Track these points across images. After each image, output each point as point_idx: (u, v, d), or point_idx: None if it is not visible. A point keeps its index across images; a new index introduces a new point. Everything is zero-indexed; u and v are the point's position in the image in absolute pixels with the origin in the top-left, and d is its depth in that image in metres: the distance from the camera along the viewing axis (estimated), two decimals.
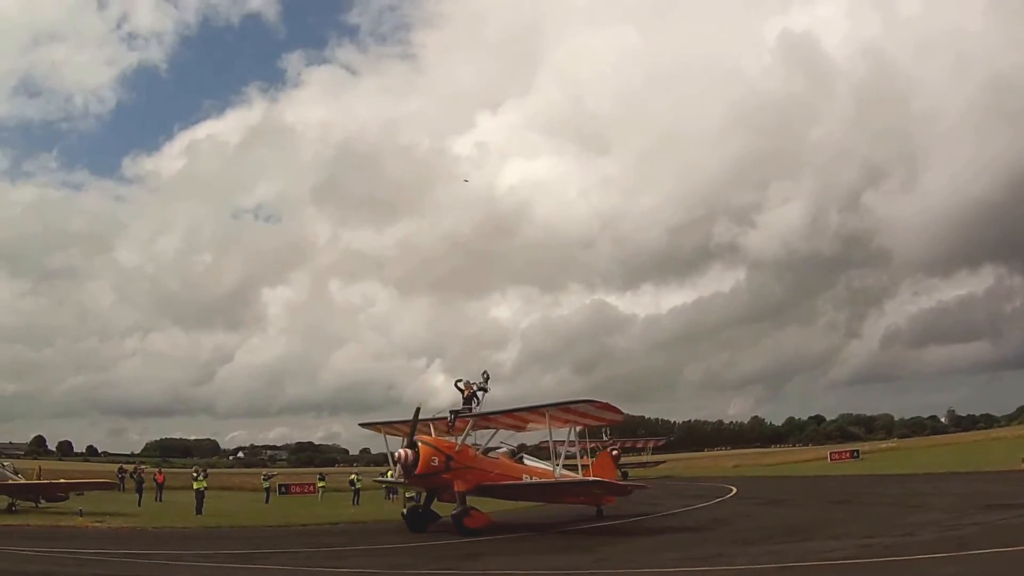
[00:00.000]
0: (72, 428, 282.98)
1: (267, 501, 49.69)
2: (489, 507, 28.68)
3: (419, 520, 26.34)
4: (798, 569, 14.57)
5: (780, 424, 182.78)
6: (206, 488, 38.22)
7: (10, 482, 34.83)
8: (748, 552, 17.13)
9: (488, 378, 28.01)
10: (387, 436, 29.82)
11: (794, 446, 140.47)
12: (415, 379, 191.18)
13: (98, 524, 28.51)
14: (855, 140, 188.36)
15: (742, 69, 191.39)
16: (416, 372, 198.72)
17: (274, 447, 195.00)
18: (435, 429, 27.41)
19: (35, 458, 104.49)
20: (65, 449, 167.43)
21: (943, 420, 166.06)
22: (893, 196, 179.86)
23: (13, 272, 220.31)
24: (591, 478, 27.24)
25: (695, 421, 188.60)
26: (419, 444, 25.23)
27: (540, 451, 32.57)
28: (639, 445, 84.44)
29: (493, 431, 28.35)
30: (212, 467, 79.05)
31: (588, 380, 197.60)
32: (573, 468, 29.43)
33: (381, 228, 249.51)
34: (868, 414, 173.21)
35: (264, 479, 56.26)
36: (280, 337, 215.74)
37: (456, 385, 28.22)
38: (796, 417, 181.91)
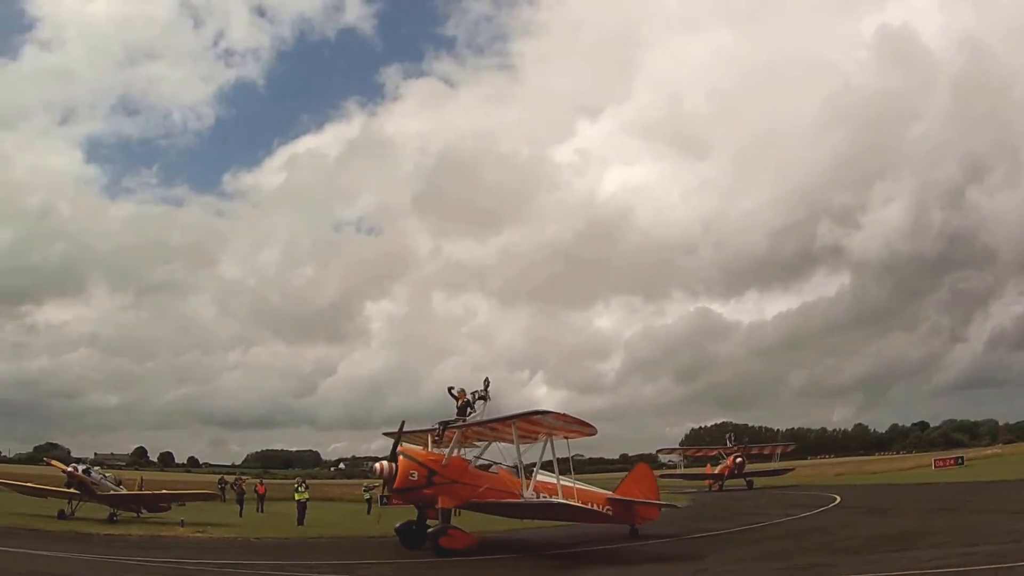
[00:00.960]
0: (173, 439, 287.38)
1: (369, 512, 50.05)
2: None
3: (412, 537, 25.20)
4: None
5: (883, 431, 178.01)
6: (308, 499, 38.77)
7: (112, 492, 35.38)
8: (850, 562, 17.15)
9: (488, 385, 25.66)
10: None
11: (898, 453, 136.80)
12: (517, 391, 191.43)
13: (199, 534, 29.15)
14: (956, 134, 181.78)
15: (838, 66, 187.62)
16: (519, 384, 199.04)
17: (375, 458, 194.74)
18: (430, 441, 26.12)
19: (137, 469, 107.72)
20: (166, 460, 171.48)
21: None
22: (997, 191, 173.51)
23: (115, 286, 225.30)
24: (557, 499, 23.87)
25: (798, 429, 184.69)
26: (399, 457, 24.23)
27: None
28: (766, 452, 78.42)
29: (485, 444, 26.71)
30: (313, 478, 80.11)
31: (690, 388, 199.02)
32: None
33: (483, 238, 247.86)
34: (972, 420, 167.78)
35: (364, 491, 56.82)
36: (382, 349, 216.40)
37: (450, 392, 26.13)
38: (899, 424, 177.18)
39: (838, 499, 39.12)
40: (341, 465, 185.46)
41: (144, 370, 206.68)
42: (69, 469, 34.48)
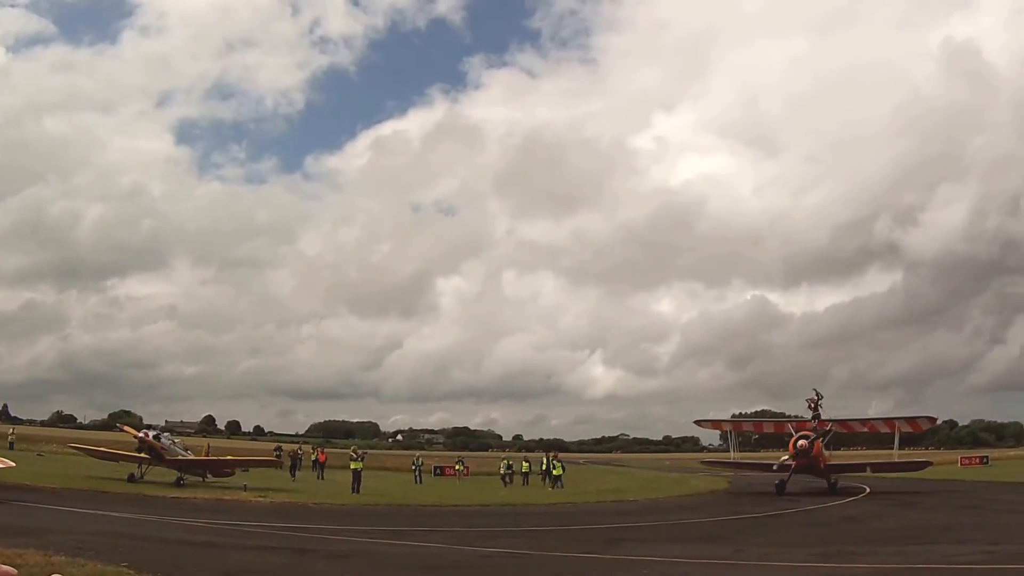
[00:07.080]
0: (242, 409, 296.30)
1: (418, 482, 51.42)
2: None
3: None
4: (925, 571, 15.57)
5: None
6: (362, 469, 40.50)
7: (180, 458, 36.55)
8: (878, 552, 18.11)
9: None
10: None
11: (927, 449, 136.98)
12: (574, 369, 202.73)
13: (261, 499, 30.48)
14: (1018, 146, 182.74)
15: (907, 76, 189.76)
16: (576, 362, 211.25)
17: (432, 431, 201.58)
18: None
19: (204, 436, 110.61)
20: (233, 428, 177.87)
21: None
22: None
23: (197, 262, 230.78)
24: None
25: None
26: None
27: None
28: (883, 430, 48.09)
29: None
30: (372, 449, 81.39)
31: (740, 375, 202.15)
32: None
33: (558, 220, 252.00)
34: (1000, 421, 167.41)
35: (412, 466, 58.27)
36: (450, 326, 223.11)
37: None
38: None
39: (867, 490, 40.28)
40: (399, 437, 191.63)
41: (220, 342, 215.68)
42: (140, 435, 35.67)
